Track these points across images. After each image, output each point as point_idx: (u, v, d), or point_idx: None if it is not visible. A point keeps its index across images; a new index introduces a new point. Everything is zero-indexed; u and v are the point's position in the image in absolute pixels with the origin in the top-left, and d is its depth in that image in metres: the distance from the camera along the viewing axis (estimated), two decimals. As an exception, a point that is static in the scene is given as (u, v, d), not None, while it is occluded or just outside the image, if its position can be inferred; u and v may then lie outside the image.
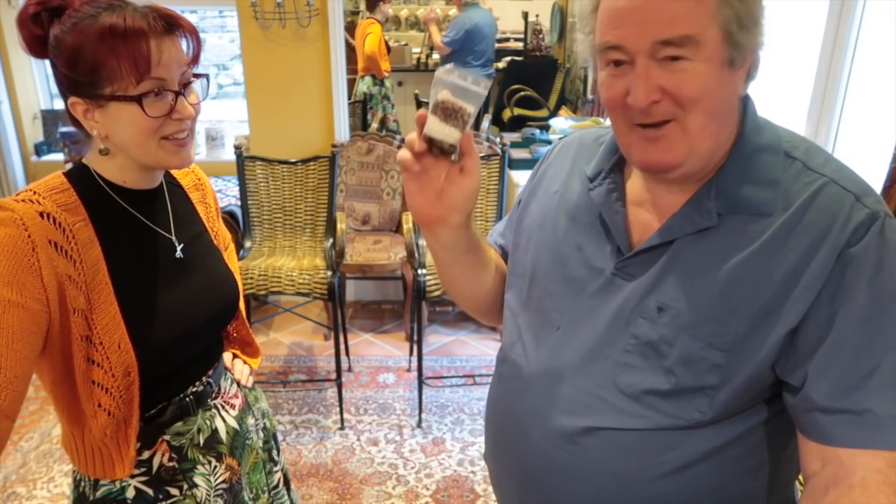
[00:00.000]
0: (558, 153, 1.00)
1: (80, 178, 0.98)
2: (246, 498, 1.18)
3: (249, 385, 1.26)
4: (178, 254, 1.06)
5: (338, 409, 2.61)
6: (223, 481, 1.11)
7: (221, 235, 1.23)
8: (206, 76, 1.00)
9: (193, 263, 1.08)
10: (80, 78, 0.90)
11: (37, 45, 0.94)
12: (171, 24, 0.93)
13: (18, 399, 0.84)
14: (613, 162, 0.87)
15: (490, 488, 2.23)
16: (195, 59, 0.97)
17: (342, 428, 2.55)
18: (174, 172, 1.15)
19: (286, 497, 1.31)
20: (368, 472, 2.32)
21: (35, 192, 0.92)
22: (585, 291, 0.85)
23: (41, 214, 0.89)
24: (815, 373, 0.72)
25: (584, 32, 0.78)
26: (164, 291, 1.02)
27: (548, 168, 1.00)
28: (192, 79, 0.97)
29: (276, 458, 1.29)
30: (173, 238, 1.06)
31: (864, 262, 0.70)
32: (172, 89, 0.93)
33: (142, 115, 0.91)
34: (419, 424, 2.57)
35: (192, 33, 0.96)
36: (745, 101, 0.80)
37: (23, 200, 0.90)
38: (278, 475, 1.29)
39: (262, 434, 1.25)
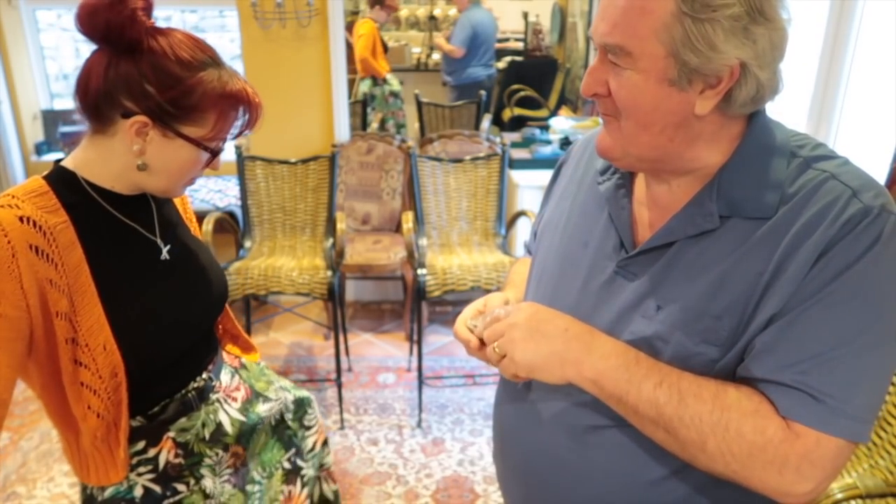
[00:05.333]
0: (575, 153, 1.01)
1: (60, 181, 0.96)
2: (256, 477, 1.19)
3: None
4: (164, 255, 1.06)
5: (338, 409, 2.61)
6: (227, 467, 1.13)
7: None
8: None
9: (181, 264, 1.09)
10: (167, 108, 0.92)
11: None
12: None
13: (1, 405, 0.88)
14: None
15: (490, 488, 2.23)
16: (251, 126, 1.02)
17: (342, 428, 2.55)
18: None
19: (321, 453, 1.36)
20: (368, 472, 2.32)
21: (14, 197, 0.91)
22: (588, 289, 0.86)
23: (21, 219, 0.88)
24: (759, 349, 0.72)
25: None
26: (149, 293, 1.02)
27: (566, 168, 1.02)
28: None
29: (307, 423, 1.31)
30: (158, 240, 1.06)
31: (843, 255, 0.69)
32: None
33: (198, 161, 0.98)
34: (419, 424, 2.57)
35: (261, 108, 1.02)
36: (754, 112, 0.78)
37: (1, 206, 0.88)
38: (312, 439, 1.32)
39: (291, 406, 1.27)
